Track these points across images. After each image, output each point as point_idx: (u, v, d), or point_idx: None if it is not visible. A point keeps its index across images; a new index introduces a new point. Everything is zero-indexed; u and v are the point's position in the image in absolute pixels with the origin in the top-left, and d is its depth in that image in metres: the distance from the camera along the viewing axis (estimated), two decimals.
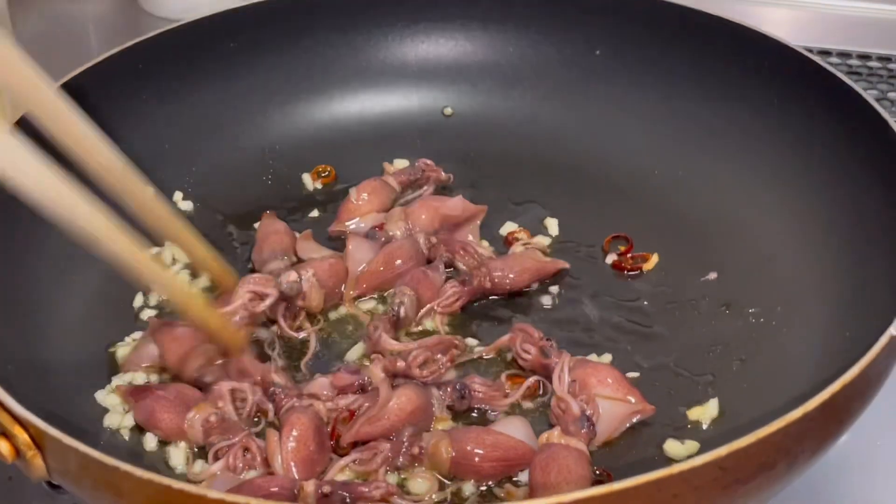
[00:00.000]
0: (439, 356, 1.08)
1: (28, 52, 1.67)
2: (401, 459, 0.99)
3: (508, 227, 1.27)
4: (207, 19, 1.35)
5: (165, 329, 1.11)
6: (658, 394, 1.06)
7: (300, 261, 1.20)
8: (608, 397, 1.03)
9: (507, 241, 1.25)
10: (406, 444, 0.99)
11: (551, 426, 1.03)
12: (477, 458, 0.98)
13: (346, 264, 1.19)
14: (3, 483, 1.10)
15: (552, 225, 1.27)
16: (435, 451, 0.99)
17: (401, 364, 1.06)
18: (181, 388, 1.06)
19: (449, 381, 1.07)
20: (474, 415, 1.06)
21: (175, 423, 1.03)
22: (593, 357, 1.11)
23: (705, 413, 1.05)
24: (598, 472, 0.99)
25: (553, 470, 0.96)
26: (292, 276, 1.13)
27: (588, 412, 1.01)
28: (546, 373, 1.07)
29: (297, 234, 1.24)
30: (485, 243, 1.25)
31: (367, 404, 1.03)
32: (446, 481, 1.00)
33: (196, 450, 1.04)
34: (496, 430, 1.02)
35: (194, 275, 1.21)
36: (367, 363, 1.09)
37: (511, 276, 1.17)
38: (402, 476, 1.00)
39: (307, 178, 1.34)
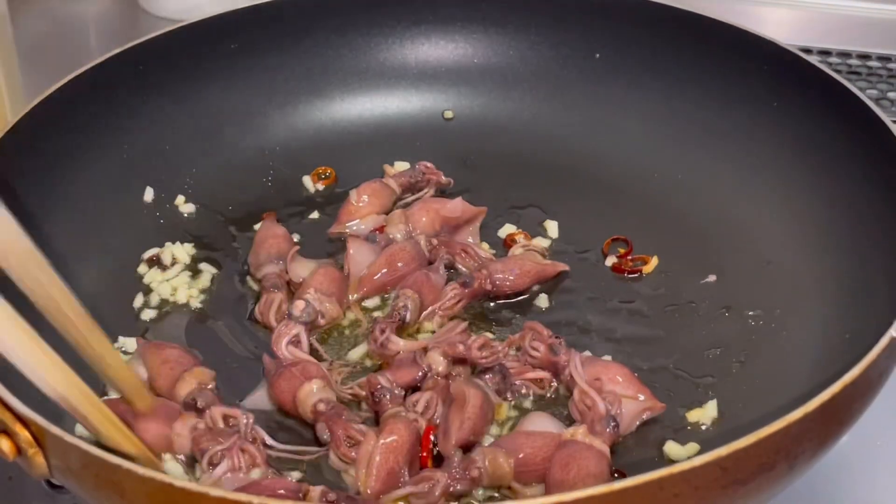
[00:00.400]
0: (495, 343, 1.08)
1: (28, 52, 1.68)
2: (459, 486, 0.97)
3: (508, 230, 1.27)
4: (208, 20, 1.35)
5: (154, 350, 1.09)
6: (658, 395, 1.06)
7: (289, 284, 1.19)
8: (619, 395, 1.03)
9: (507, 244, 1.25)
10: (461, 469, 0.97)
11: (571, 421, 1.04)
12: (539, 460, 0.98)
13: (343, 267, 1.19)
14: (3, 482, 1.10)
15: (552, 227, 1.27)
16: (496, 465, 0.97)
17: (460, 348, 1.06)
18: (159, 400, 1.05)
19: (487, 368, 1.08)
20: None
21: (161, 433, 1.01)
22: None
23: (705, 414, 1.05)
24: (616, 473, 0.99)
25: (573, 469, 0.96)
26: (300, 305, 1.13)
27: (613, 412, 1.01)
28: (554, 370, 1.08)
29: (297, 236, 1.25)
30: (485, 245, 1.25)
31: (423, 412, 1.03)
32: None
33: (183, 458, 1.02)
34: (533, 430, 1.01)
35: (194, 275, 1.22)
36: (369, 362, 1.10)
37: (511, 278, 1.17)
38: None
39: (307, 181, 1.34)
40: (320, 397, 1.03)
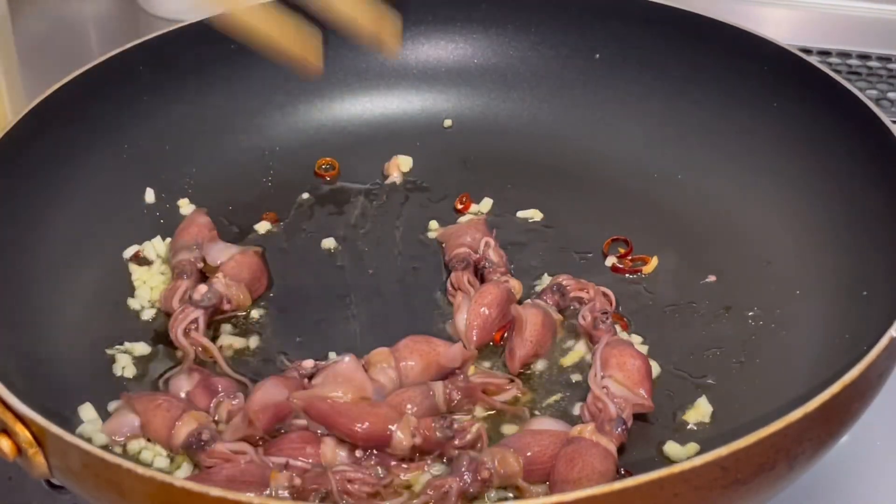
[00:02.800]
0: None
1: (28, 53, 1.68)
2: (471, 489, 0.96)
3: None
4: (208, 20, 1.34)
5: (143, 398, 1.04)
6: (658, 396, 1.06)
7: (204, 270, 1.19)
8: (618, 381, 1.03)
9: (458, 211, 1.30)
10: (472, 471, 0.96)
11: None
12: (547, 458, 0.98)
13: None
14: (3, 482, 1.10)
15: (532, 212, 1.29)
16: (505, 465, 0.97)
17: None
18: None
19: (545, 287, 1.16)
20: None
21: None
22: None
23: (705, 415, 1.05)
24: (622, 472, 0.99)
25: (578, 465, 0.96)
26: (201, 289, 1.13)
27: (623, 415, 1.01)
28: (591, 340, 1.12)
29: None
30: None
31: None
32: None
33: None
34: (542, 429, 1.01)
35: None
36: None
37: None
38: None
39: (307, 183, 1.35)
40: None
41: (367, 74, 1.41)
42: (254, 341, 1.14)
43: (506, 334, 1.12)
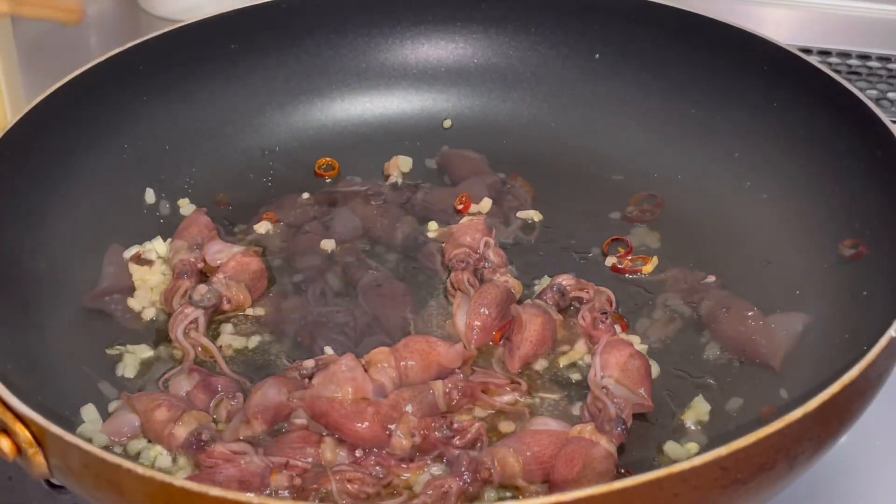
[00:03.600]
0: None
1: (28, 52, 1.67)
2: (471, 489, 0.96)
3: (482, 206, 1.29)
4: (208, 20, 1.35)
5: (143, 397, 1.05)
6: (658, 396, 1.06)
7: (204, 270, 1.20)
8: (618, 381, 1.03)
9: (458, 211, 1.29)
10: (471, 471, 0.97)
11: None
12: (547, 457, 0.98)
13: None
14: (3, 482, 1.10)
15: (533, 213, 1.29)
16: (505, 465, 0.97)
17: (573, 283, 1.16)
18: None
19: (545, 287, 1.16)
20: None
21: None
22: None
23: (704, 414, 1.05)
24: (622, 471, 0.99)
25: (578, 465, 0.96)
26: (201, 289, 1.13)
27: (623, 415, 1.01)
28: (591, 340, 1.12)
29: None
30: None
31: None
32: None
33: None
34: (542, 429, 1.02)
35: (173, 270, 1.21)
36: None
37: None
38: None
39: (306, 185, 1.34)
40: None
41: (367, 74, 1.41)
42: (254, 341, 1.14)
43: (506, 334, 1.12)
